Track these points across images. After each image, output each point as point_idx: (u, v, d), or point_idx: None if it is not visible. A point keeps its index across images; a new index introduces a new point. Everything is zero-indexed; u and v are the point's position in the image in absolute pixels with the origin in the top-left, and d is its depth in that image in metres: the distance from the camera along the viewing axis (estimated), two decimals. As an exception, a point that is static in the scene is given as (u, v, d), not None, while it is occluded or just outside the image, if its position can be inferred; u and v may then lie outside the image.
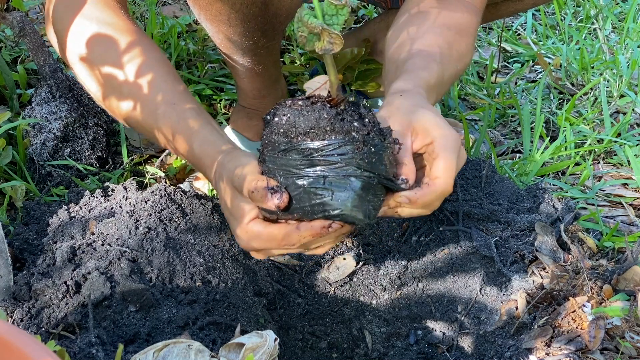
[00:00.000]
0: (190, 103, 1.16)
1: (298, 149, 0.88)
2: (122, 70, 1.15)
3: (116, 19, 1.20)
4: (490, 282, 1.36)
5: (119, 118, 1.22)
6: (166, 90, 1.15)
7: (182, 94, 1.16)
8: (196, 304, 1.22)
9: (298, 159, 0.88)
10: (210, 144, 1.09)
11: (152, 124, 1.15)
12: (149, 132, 1.18)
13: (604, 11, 2.57)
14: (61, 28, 1.20)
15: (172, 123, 1.13)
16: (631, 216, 1.56)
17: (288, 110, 0.88)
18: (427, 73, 1.11)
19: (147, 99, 1.15)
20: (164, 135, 1.14)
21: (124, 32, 1.18)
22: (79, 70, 1.20)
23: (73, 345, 1.08)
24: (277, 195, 0.89)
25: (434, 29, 1.19)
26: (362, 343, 1.39)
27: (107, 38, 1.17)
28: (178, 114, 1.13)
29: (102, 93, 1.18)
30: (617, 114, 2.01)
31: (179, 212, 1.34)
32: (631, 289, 1.25)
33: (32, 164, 1.57)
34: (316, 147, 0.87)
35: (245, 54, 1.53)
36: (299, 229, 0.92)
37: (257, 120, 1.74)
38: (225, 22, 1.38)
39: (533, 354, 1.15)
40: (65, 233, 1.30)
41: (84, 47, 1.17)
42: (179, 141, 1.12)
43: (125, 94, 1.16)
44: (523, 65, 2.34)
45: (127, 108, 1.16)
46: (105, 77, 1.16)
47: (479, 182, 1.48)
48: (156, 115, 1.14)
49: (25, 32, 1.56)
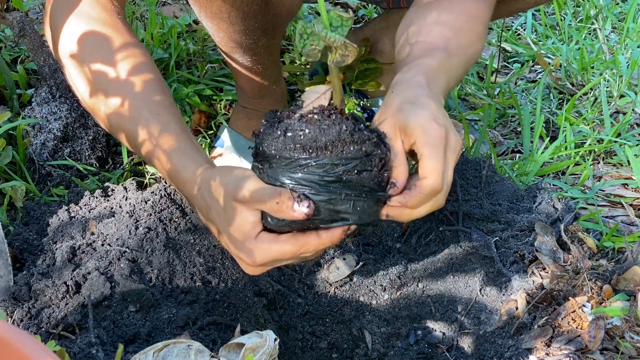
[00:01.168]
0: (173, 116, 1.13)
1: (317, 164, 0.89)
2: (113, 69, 1.14)
3: (110, 19, 1.19)
4: (490, 282, 1.36)
5: (102, 120, 1.20)
6: (151, 100, 1.14)
7: (167, 107, 1.14)
8: (196, 304, 1.22)
9: (318, 172, 0.89)
10: (190, 158, 1.07)
11: (132, 130, 1.13)
12: (130, 137, 1.15)
13: (603, 11, 2.57)
14: (55, 25, 1.20)
15: (153, 133, 1.10)
16: (631, 216, 1.56)
17: (304, 124, 0.89)
18: (429, 59, 1.07)
19: (131, 104, 1.12)
20: (142, 142, 1.11)
21: (117, 32, 1.17)
22: (69, 67, 1.19)
23: (73, 346, 1.08)
24: (304, 203, 0.89)
25: (441, 19, 1.16)
26: (362, 343, 1.39)
27: (99, 36, 1.16)
28: (162, 125, 1.10)
29: (89, 91, 1.17)
30: (617, 114, 2.01)
31: (179, 212, 1.34)
32: (631, 289, 1.25)
33: (32, 164, 1.57)
34: (333, 162, 0.89)
35: (246, 53, 1.53)
36: (320, 236, 0.92)
37: (256, 120, 1.74)
38: (225, 20, 1.38)
39: (533, 354, 1.15)
40: (65, 233, 1.30)
41: (75, 44, 1.16)
42: (159, 150, 1.10)
43: (111, 93, 1.14)
44: (523, 65, 2.34)
45: (112, 107, 1.14)
46: (94, 74, 1.15)
47: (479, 182, 1.48)
48: (138, 121, 1.12)
49: (25, 32, 1.56)
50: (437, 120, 0.93)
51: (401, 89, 1.00)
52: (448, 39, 1.13)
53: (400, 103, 0.97)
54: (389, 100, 0.99)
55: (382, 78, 1.83)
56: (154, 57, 1.92)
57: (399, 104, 0.96)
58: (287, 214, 0.90)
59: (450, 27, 1.16)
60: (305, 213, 0.89)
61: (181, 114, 1.84)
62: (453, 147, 0.95)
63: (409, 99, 0.97)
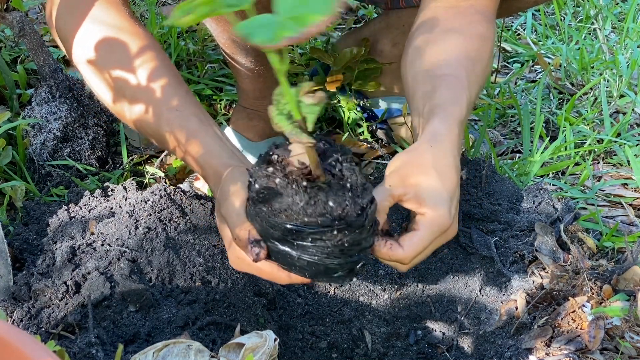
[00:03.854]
0: (195, 109, 1.17)
1: (275, 225, 0.89)
2: (134, 75, 1.15)
3: (124, 22, 1.20)
4: (490, 282, 1.36)
5: (130, 123, 1.23)
6: (173, 97, 1.16)
7: (188, 101, 1.18)
8: (196, 304, 1.22)
9: (276, 233, 0.90)
10: (212, 155, 1.11)
11: (157, 130, 1.17)
12: (158, 137, 1.19)
13: (603, 11, 2.56)
14: (66, 31, 1.20)
15: (176, 130, 1.14)
16: (631, 216, 1.56)
17: (266, 182, 0.88)
18: (459, 108, 1.09)
19: (156, 104, 1.16)
20: (171, 142, 1.16)
21: (132, 35, 1.18)
22: (87, 73, 1.20)
23: (73, 345, 1.08)
24: (255, 250, 0.93)
25: (458, 46, 1.17)
26: (362, 343, 1.39)
27: (115, 42, 1.17)
28: (181, 122, 1.14)
29: (112, 97, 1.19)
30: (617, 114, 2.01)
31: (179, 212, 1.34)
32: (631, 289, 1.25)
33: (32, 164, 1.57)
34: (291, 228, 0.88)
35: (249, 54, 1.53)
36: (290, 277, 0.96)
37: (257, 120, 1.74)
38: (230, 22, 1.38)
39: (533, 354, 1.15)
40: (65, 233, 1.30)
41: (92, 51, 1.17)
42: (185, 148, 1.14)
43: (135, 98, 1.16)
44: (523, 65, 2.34)
45: (138, 112, 1.17)
46: (115, 81, 1.16)
47: (479, 182, 1.48)
48: (161, 121, 1.15)
49: (24, 32, 1.56)
50: (450, 212, 0.97)
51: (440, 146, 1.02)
52: (468, 72, 1.15)
53: (430, 168, 0.99)
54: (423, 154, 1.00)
55: (381, 78, 1.83)
56: (154, 57, 1.92)
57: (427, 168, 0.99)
58: (244, 250, 0.95)
59: (467, 55, 1.17)
60: (254, 258, 0.93)
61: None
62: (445, 236, 0.99)
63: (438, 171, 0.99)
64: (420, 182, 0.98)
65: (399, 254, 0.96)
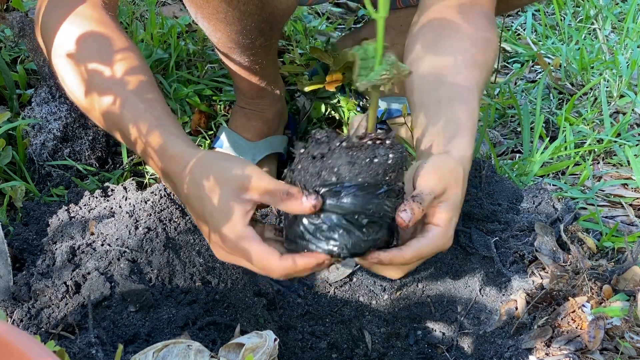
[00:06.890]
0: (163, 105, 1.14)
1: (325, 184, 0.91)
2: (110, 68, 1.14)
3: (108, 20, 1.20)
4: (490, 282, 1.36)
5: (97, 119, 1.19)
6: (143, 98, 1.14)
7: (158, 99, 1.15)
8: (196, 304, 1.22)
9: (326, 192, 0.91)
10: (185, 143, 1.08)
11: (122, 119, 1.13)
12: (122, 127, 1.14)
13: (603, 11, 2.57)
14: (49, 27, 1.20)
15: (143, 131, 1.10)
16: (631, 216, 1.56)
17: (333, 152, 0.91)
18: (472, 122, 1.10)
19: (126, 95, 1.13)
20: (134, 135, 1.11)
21: (115, 33, 1.18)
22: (63, 67, 1.18)
23: (73, 346, 1.08)
24: (312, 197, 0.91)
25: (465, 51, 1.18)
26: (362, 343, 1.39)
27: (98, 36, 1.16)
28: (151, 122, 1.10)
29: (84, 91, 1.16)
30: (617, 114, 2.01)
31: (179, 212, 1.34)
32: (631, 289, 1.25)
33: (32, 164, 1.57)
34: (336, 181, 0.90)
35: (243, 53, 1.53)
36: (295, 261, 0.93)
37: (255, 120, 1.74)
38: (222, 20, 1.38)
39: (533, 354, 1.15)
40: (65, 233, 1.30)
41: (73, 44, 1.16)
42: (150, 149, 1.10)
43: (107, 89, 1.14)
44: (523, 65, 2.34)
45: (106, 104, 1.13)
46: (89, 73, 1.15)
47: (478, 182, 1.48)
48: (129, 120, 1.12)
49: (24, 33, 1.56)
50: (449, 233, 0.98)
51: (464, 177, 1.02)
52: (478, 80, 1.15)
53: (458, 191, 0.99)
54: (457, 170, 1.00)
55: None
56: (154, 57, 1.92)
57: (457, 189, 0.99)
58: (294, 205, 0.92)
59: (474, 62, 1.17)
60: (312, 204, 0.90)
61: (181, 114, 1.84)
62: (439, 250, 0.99)
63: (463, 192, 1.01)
64: (453, 197, 0.99)
65: (398, 256, 0.96)
